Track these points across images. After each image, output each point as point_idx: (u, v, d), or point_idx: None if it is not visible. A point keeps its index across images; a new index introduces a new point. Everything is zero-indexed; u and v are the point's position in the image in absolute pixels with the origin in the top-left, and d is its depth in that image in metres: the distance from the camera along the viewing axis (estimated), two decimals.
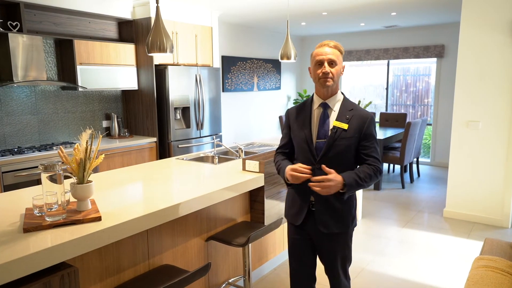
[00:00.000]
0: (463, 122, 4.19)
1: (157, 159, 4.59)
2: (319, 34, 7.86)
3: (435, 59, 7.01)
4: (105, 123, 4.61)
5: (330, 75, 1.85)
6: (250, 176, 2.61)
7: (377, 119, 7.37)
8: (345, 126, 1.87)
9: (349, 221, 1.97)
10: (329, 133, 1.88)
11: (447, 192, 4.41)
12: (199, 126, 4.87)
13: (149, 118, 4.61)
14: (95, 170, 3.91)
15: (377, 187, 5.57)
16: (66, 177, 2.19)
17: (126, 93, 4.78)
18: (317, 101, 1.96)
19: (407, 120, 6.83)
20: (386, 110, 7.92)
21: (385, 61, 7.68)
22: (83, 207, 1.83)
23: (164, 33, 2.22)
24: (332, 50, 1.87)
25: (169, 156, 4.58)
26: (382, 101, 8.15)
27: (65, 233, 1.62)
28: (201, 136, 4.92)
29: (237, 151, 3.32)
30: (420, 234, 3.95)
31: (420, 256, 3.45)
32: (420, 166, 7.05)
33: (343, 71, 1.94)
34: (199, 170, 2.84)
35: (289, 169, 1.90)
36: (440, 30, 6.78)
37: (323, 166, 1.83)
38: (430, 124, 7.32)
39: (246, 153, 3.48)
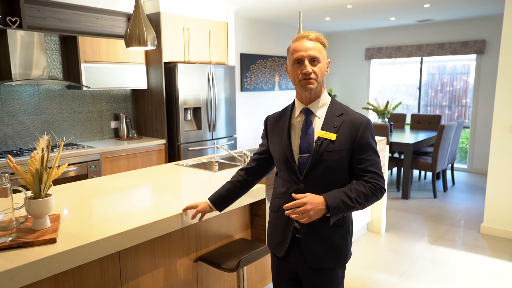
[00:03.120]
0: (505, 126, 3.67)
1: (166, 163, 4.36)
2: (345, 30, 7.40)
3: (474, 56, 6.39)
4: (113, 124, 4.42)
5: (313, 75, 1.49)
6: None
7: (407, 120, 6.83)
8: (332, 136, 1.51)
9: (346, 253, 1.60)
10: (313, 145, 1.53)
11: (485, 205, 3.89)
12: (211, 127, 4.59)
13: (158, 119, 4.38)
14: (97, 174, 3.73)
15: (405, 196, 5.09)
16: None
17: (135, 93, 4.58)
18: (298, 107, 1.61)
19: (441, 123, 6.26)
20: (419, 111, 7.35)
21: (418, 59, 7.12)
22: (39, 226, 1.58)
23: (144, 24, 1.94)
24: (314, 44, 1.50)
25: (179, 160, 4.34)
26: (415, 101, 7.59)
27: (5, 259, 1.36)
28: (214, 138, 4.64)
29: (242, 157, 3.00)
30: (452, 253, 3.48)
31: (451, 280, 3.00)
32: (455, 172, 6.45)
33: (328, 68, 1.57)
34: (196, 179, 2.55)
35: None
36: (480, 24, 6.16)
37: (293, 194, 1.47)
38: (467, 127, 6.70)
39: None
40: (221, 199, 1.81)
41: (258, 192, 2.30)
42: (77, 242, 1.50)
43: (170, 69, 4.22)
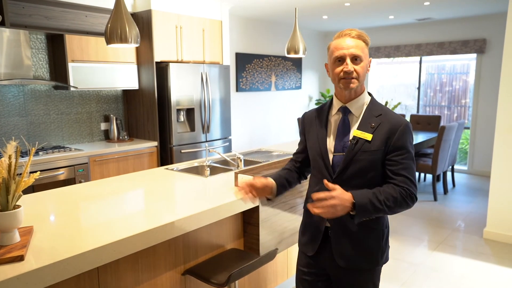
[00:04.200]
0: (508, 128, 3.54)
1: (158, 166, 4.21)
2: (343, 29, 7.24)
3: (474, 55, 6.27)
4: (103, 126, 4.27)
5: (354, 74, 1.46)
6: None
7: None
8: (368, 136, 1.47)
9: (378, 255, 1.54)
10: (348, 145, 1.50)
11: (488, 209, 3.76)
12: (205, 129, 4.44)
13: (150, 121, 4.23)
14: (86, 178, 3.58)
15: None
16: None
17: (127, 93, 4.43)
18: (336, 105, 1.58)
19: (441, 123, 6.14)
20: (418, 111, 7.22)
21: (417, 58, 6.99)
22: (6, 241, 1.43)
23: (126, 19, 1.79)
24: (356, 42, 1.47)
25: (171, 163, 4.19)
26: (414, 101, 7.46)
27: None
28: (208, 140, 4.50)
29: (235, 161, 2.86)
30: (454, 260, 3.34)
31: None
32: (455, 174, 6.33)
33: (369, 67, 1.51)
34: (185, 185, 2.40)
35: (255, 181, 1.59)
36: (481, 22, 6.04)
37: (325, 181, 1.44)
38: (467, 128, 6.58)
39: (247, 163, 3.01)
40: (281, 181, 1.68)
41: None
42: (48, 259, 1.36)
43: (162, 69, 4.07)
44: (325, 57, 7.80)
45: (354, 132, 1.49)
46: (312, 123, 1.63)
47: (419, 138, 5.29)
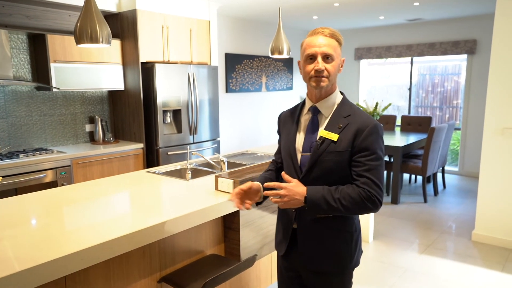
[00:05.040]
0: (497, 129, 3.52)
1: (144, 168, 4.14)
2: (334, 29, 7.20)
3: (465, 56, 6.25)
4: (88, 127, 4.19)
5: (325, 73, 1.44)
6: (223, 198, 2.10)
7: (398, 122, 6.67)
8: (334, 136, 1.45)
9: (346, 259, 1.50)
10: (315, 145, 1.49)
11: (476, 212, 3.73)
12: (193, 130, 4.38)
13: (135, 122, 4.16)
14: (68, 181, 3.50)
15: (394, 201, 4.92)
16: None
17: (113, 94, 4.35)
18: (307, 105, 1.58)
19: (433, 124, 6.11)
20: (409, 112, 7.20)
21: (409, 59, 6.97)
22: None
23: (97, 18, 1.72)
24: (328, 41, 1.46)
25: (158, 165, 4.12)
26: (406, 102, 7.44)
27: None
28: (195, 142, 4.43)
29: (218, 163, 2.81)
30: (442, 263, 3.31)
31: None
32: (446, 175, 6.31)
33: (342, 66, 1.49)
34: (164, 188, 2.34)
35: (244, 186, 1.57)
36: (471, 23, 6.02)
37: (283, 173, 1.49)
38: (459, 129, 6.56)
39: (231, 165, 2.95)
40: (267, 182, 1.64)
41: (230, 203, 2.11)
42: (7, 270, 1.29)
43: (147, 70, 4.01)
44: None
45: (321, 132, 1.48)
46: (286, 123, 1.63)
47: (409, 139, 5.27)
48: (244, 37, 6.10)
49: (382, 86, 7.84)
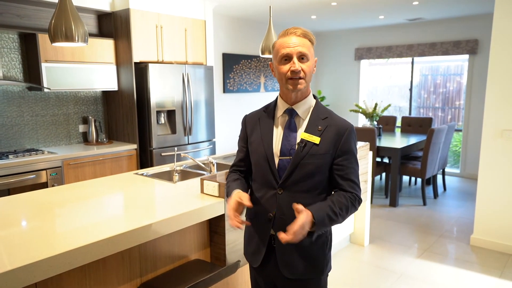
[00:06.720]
0: (496, 131, 3.43)
1: (137, 169, 4.09)
2: (333, 29, 7.14)
3: (467, 56, 6.15)
4: (81, 128, 4.15)
5: (302, 73, 1.40)
6: (208, 202, 2.04)
7: (398, 123, 6.58)
8: (316, 139, 1.43)
9: (322, 264, 1.49)
10: (296, 148, 1.44)
11: (475, 216, 3.65)
12: (187, 131, 4.33)
13: (129, 123, 4.11)
14: (59, 182, 3.46)
15: (393, 203, 4.84)
16: None
17: (106, 95, 4.31)
18: (282, 107, 1.51)
19: (434, 126, 6.02)
20: (410, 113, 7.11)
21: (409, 59, 6.88)
22: None
23: (72, 16, 1.68)
24: (302, 40, 1.41)
25: (151, 166, 4.07)
26: (407, 103, 7.35)
27: None
28: (190, 142, 4.38)
29: (207, 165, 2.75)
30: (439, 268, 3.23)
31: None
32: (447, 177, 6.22)
33: (315, 67, 1.45)
34: (149, 191, 2.28)
35: (234, 200, 1.43)
36: (472, 23, 5.93)
37: (295, 205, 1.34)
38: (460, 130, 6.46)
39: (220, 167, 2.89)
40: (245, 190, 1.56)
41: (215, 207, 2.05)
42: None
43: (141, 70, 3.96)
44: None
45: (302, 135, 1.44)
46: (256, 126, 1.55)
47: (409, 140, 5.18)
48: (241, 36, 6.05)
49: (384, 87, 7.74)
